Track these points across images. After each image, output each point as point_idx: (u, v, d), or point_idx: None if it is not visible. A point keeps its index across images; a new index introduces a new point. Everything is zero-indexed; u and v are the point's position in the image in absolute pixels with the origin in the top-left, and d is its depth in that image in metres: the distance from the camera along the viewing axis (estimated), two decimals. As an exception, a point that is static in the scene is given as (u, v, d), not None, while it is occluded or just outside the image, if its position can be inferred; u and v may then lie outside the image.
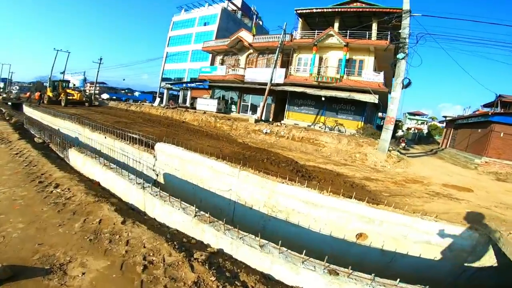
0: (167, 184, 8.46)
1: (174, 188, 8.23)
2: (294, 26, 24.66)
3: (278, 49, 19.73)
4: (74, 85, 28.08)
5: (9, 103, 27.22)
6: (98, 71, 38.09)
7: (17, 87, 62.33)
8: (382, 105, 26.42)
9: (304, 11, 22.97)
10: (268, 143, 15.97)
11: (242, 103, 25.98)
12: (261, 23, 47.73)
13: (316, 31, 22.36)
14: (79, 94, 26.98)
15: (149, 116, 21.76)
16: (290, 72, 23.26)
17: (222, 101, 25.84)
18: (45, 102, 26.50)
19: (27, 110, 23.72)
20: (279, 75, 22.92)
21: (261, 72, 23.74)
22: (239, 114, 25.30)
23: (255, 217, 6.60)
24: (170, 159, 8.16)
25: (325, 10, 22.40)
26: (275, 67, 19.83)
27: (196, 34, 38.53)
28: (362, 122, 20.70)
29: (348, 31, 21.33)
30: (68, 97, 25.66)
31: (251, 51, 25.99)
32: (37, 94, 27.12)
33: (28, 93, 27.90)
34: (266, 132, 17.04)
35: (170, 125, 17.26)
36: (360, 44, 20.82)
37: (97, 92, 42.55)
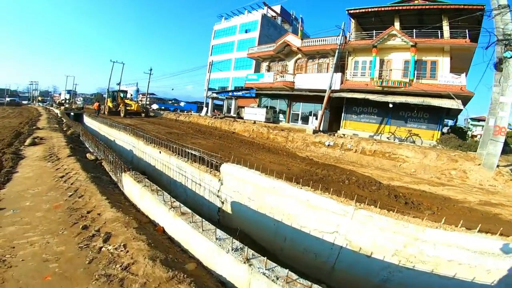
0: (235, 215, 6.54)
1: (246, 220, 6.28)
2: (346, 27, 22.11)
3: (337, 52, 17.38)
4: (132, 95, 27.98)
5: (71, 113, 28.09)
6: (149, 82, 38.72)
7: (81, 98, 67.04)
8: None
9: (357, 11, 20.43)
10: (333, 158, 13.56)
11: (291, 111, 23.82)
12: (302, 28, 45.69)
13: (374, 32, 19.65)
14: (136, 105, 26.58)
15: (198, 126, 20.58)
16: (346, 77, 20.64)
17: (270, 110, 23.94)
18: (106, 112, 26.58)
19: (87, 120, 24.06)
20: (334, 81, 20.47)
21: (313, 78, 21.50)
22: (289, 124, 23.18)
23: (374, 266, 4.53)
24: (242, 185, 6.22)
25: (382, 9, 19.70)
26: (334, 71, 17.40)
27: (238, 41, 37.56)
28: (439, 131, 17.34)
29: (414, 30, 18.50)
30: (127, 108, 25.42)
31: (299, 56, 23.91)
32: (95, 104, 27.56)
33: (96, 104, 28.32)
34: (329, 145, 14.66)
35: (222, 137, 15.66)
36: (431, 43, 17.75)
37: (147, 102, 43.50)
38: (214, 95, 32.07)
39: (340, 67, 22.14)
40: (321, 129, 17.75)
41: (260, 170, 6.47)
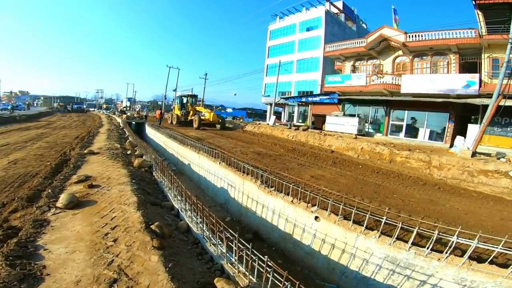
0: None
1: None
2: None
3: (509, 47, 10.80)
4: (203, 101, 22.59)
5: (133, 123, 24.58)
6: (204, 87, 34.85)
7: (139, 106, 66.21)
8: None
9: (487, 1, 13.67)
10: None
11: (391, 122, 17.53)
12: (365, 26, 38.82)
13: None
14: (212, 114, 19.85)
15: (279, 141, 15.32)
16: (482, 80, 14.03)
17: (362, 119, 17.91)
18: (174, 122, 21.47)
19: (149, 132, 20.04)
20: (465, 84, 14.00)
21: (433, 80, 15.08)
22: (388, 137, 17.00)
23: None
24: None
25: None
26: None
27: (300, 41, 31.57)
28: None
29: None
30: (201, 117, 19.19)
31: (399, 53, 17.61)
32: (157, 112, 23.35)
33: (158, 112, 23.51)
34: None
35: (336, 162, 10.20)
36: None
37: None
38: (283, 101, 26.72)
39: (465, 67, 15.56)
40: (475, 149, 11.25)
41: None
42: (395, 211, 4.50)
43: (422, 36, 16.08)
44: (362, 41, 18.95)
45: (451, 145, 15.13)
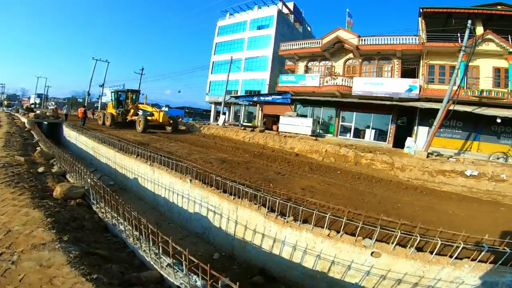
0: None
1: None
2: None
3: (461, 53, 11.94)
4: (146, 96, 17.54)
5: (44, 123, 18.91)
6: (140, 84, 30.67)
7: (53, 103, 54.08)
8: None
9: (433, 10, 15.55)
10: (484, 193, 8.49)
11: (340, 123, 18.11)
12: (309, 29, 40.59)
13: (460, 34, 15.07)
14: (161, 114, 15.69)
15: (234, 143, 13.84)
16: (421, 84, 15.59)
17: (315, 120, 18.00)
18: (108, 123, 17.13)
19: (70, 134, 15.36)
20: (407, 88, 15.34)
21: (385, 83, 16.04)
22: (338, 138, 17.51)
23: None
24: None
25: (466, 11, 15.11)
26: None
27: (249, 39, 30.61)
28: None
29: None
30: (147, 118, 15.30)
31: (350, 55, 18.40)
32: (79, 110, 18.19)
33: (81, 110, 17.72)
34: (470, 175, 9.31)
35: (313, 169, 9.41)
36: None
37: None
38: (233, 99, 25.14)
39: (405, 72, 17.15)
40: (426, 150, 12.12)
41: None
42: (414, 223, 3.86)
43: (373, 40, 17.02)
44: (317, 42, 19.09)
45: (394, 145, 16.49)
